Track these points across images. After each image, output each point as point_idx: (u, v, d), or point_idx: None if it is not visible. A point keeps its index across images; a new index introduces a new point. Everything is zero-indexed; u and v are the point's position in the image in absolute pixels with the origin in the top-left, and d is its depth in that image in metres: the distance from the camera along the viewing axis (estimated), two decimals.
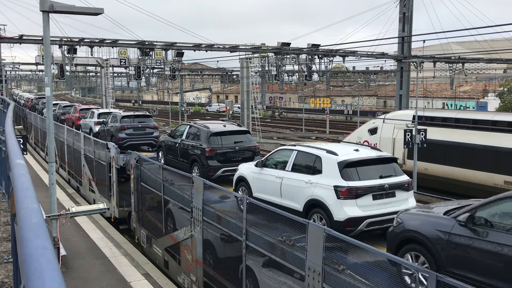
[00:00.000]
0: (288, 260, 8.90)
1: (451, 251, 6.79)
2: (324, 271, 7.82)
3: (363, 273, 7.43)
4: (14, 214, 5.12)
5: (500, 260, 6.20)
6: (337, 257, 7.89)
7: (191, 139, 15.38)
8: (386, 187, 9.45)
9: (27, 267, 1.76)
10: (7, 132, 8.53)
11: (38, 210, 2.49)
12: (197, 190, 12.37)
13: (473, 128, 19.31)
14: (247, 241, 10.23)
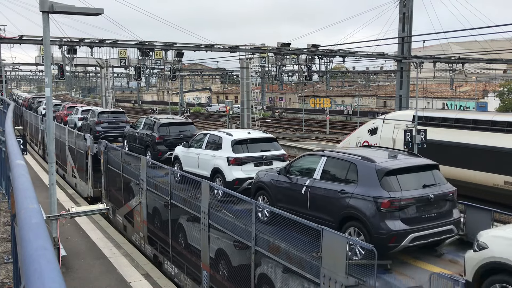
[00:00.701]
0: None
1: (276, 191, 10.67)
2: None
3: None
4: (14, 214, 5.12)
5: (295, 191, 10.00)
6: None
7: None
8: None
9: (27, 267, 1.76)
10: (7, 132, 8.53)
11: (38, 211, 2.49)
12: (142, 167, 16.03)
13: (473, 128, 19.31)
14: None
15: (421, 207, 8.48)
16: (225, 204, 11.99)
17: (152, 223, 16.11)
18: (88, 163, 22.23)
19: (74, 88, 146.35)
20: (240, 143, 13.41)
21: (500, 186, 17.02)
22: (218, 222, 11.65)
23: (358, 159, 9.16)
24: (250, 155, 13.08)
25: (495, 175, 17.41)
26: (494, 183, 17.23)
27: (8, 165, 7.66)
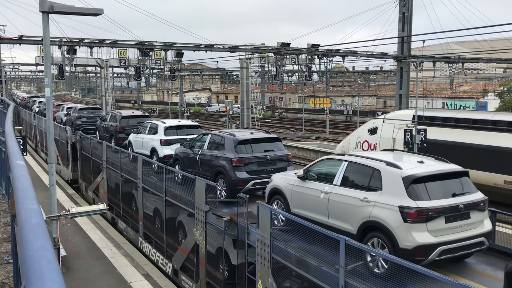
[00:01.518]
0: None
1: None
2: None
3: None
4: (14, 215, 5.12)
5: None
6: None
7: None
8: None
9: (27, 268, 1.76)
10: (7, 132, 8.52)
11: (38, 211, 2.49)
12: (104, 150, 20.95)
13: (473, 128, 19.30)
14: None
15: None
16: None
17: (111, 193, 20.80)
18: (68, 151, 26.86)
19: (74, 88, 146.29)
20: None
21: (500, 186, 17.02)
22: (149, 185, 16.45)
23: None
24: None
25: (495, 175, 17.41)
26: (494, 183, 17.23)
27: (8, 165, 7.65)
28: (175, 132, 17.62)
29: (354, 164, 9.14)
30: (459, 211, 7.98)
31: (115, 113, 23.53)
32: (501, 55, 45.17)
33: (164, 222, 15.28)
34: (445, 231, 7.83)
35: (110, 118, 23.05)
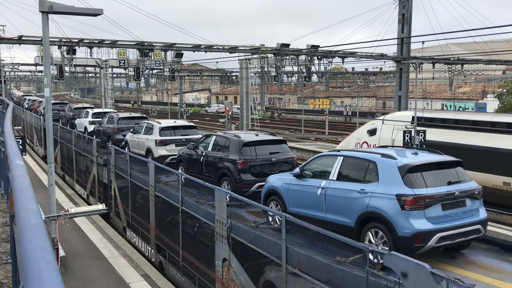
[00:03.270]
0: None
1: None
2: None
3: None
4: (13, 215, 5.12)
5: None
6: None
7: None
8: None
9: (26, 268, 1.76)
10: (6, 132, 8.52)
11: (37, 211, 2.49)
12: (57, 130, 26.76)
13: (472, 129, 19.32)
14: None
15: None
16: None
17: (63, 159, 28.16)
18: (41, 135, 31.76)
19: (73, 89, 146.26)
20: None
21: (499, 187, 17.03)
22: (118, 168, 18.32)
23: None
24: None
25: (494, 176, 17.42)
26: (493, 184, 17.24)
27: (7, 165, 7.65)
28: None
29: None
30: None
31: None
32: (500, 57, 45.22)
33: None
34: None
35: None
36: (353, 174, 9.15)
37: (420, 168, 8.39)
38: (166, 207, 14.17)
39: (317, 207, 9.38)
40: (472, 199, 8.61)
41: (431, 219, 7.91)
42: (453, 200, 8.24)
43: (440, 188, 8.24)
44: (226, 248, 10.33)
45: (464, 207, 8.40)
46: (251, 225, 9.88)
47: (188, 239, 12.92)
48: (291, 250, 8.46)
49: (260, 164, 12.76)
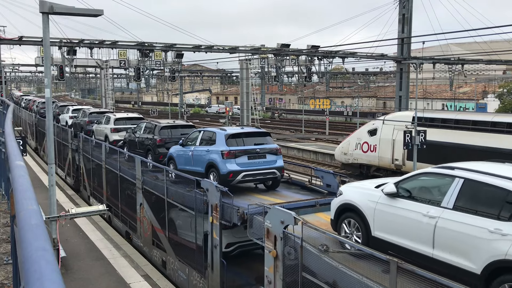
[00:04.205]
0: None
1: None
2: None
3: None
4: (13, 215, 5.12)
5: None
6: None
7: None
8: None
9: (26, 268, 1.77)
10: (6, 133, 8.52)
11: (37, 212, 2.49)
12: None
13: (472, 129, 19.32)
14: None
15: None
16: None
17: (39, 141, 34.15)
18: (33, 129, 37.65)
19: (73, 89, 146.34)
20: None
21: None
22: (85, 151, 23.34)
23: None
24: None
25: None
26: None
27: (7, 166, 7.65)
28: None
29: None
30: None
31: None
32: (500, 57, 45.20)
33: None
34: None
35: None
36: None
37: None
38: (112, 175, 19.57)
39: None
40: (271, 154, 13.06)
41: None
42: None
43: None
44: (141, 195, 16.15)
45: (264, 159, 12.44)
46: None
47: (124, 196, 18.50)
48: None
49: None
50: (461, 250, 6.84)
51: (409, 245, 7.52)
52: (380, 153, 23.20)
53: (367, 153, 23.88)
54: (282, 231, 9.18)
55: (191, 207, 12.81)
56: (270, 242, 9.51)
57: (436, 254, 7.12)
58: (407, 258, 7.28)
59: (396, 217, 7.85)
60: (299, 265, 8.78)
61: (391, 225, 7.94)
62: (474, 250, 6.67)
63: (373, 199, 8.31)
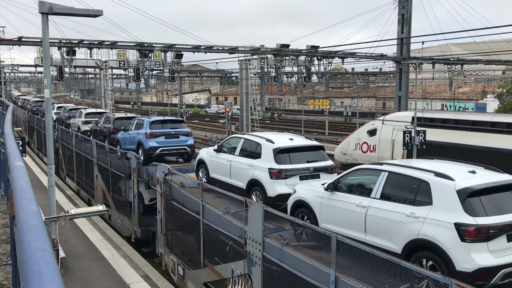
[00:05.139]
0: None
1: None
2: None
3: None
4: (13, 216, 5.12)
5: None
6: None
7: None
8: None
9: (26, 269, 1.76)
10: (6, 134, 8.51)
11: (37, 212, 2.49)
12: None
13: (472, 129, 19.33)
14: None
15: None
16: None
17: (38, 143, 34.58)
18: (26, 126, 40.96)
19: (73, 90, 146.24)
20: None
21: None
22: (63, 140, 27.41)
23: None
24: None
25: None
26: None
27: (7, 166, 7.65)
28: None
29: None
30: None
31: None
32: (500, 57, 45.21)
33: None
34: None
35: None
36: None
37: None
38: (79, 157, 24.05)
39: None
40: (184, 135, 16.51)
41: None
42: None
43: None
44: (96, 169, 21.10)
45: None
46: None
47: (87, 173, 22.85)
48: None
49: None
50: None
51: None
52: (379, 153, 23.20)
53: (367, 153, 23.89)
54: (163, 178, 14.41)
55: (123, 172, 17.95)
56: (159, 186, 14.91)
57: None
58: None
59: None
60: (169, 196, 14.20)
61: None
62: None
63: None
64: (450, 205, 7.19)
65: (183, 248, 14.05)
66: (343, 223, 8.72)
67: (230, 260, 11.02)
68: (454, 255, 6.89)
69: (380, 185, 8.27)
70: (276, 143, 11.68)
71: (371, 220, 8.16)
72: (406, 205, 7.74)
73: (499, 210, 7.23)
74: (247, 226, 10.13)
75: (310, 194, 9.62)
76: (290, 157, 11.61)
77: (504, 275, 6.87)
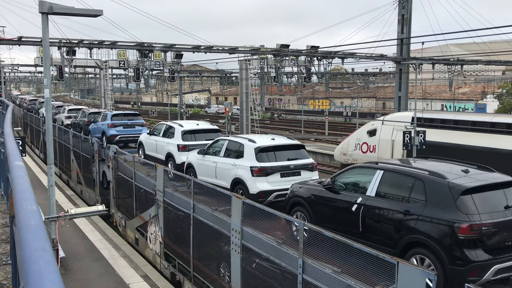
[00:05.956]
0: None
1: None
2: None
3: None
4: (13, 216, 5.12)
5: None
6: None
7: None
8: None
9: (26, 269, 1.77)
10: (6, 133, 8.51)
11: (37, 212, 2.49)
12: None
13: (472, 129, 19.32)
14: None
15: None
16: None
17: (31, 137, 37.51)
18: (22, 121, 43.02)
19: (73, 90, 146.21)
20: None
21: None
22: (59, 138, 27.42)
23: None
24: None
25: None
26: None
27: (7, 166, 7.65)
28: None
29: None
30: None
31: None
32: (500, 57, 45.21)
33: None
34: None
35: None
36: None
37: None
38: (60, 146, 26.41)
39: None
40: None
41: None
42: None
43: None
44: (72, 154, 23.93)
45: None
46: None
47: (67, 158, 25.28)
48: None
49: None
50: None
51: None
52: (379, 154, 23.20)
53: (367, 154, 23.88)
54: (113, 155, 17.93)
55: (89, 154, 21.10)
56: (110, 162, 18.48)
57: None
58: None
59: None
60: (117, 169, 18.01)
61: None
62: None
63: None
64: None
65: (125, 206, 18.02)
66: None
67: (148, 208, 15.13)
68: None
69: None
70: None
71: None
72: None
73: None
74: (156, 182, 13.94)
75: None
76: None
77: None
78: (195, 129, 16.89)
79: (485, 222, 7.11)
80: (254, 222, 9.33)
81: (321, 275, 7.45)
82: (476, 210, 7.22)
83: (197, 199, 11.49)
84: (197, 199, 11.50)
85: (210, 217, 10.85)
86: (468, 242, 7.01)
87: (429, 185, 7.68)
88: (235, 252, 9.69)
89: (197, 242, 11.65)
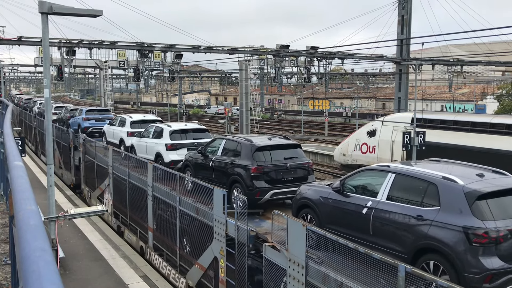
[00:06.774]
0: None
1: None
2: None
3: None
4: (12, 216, 5.12)
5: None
6: None
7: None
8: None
9: (25, 269, 1.76)
10: (5, 134, 8.51)
11: (36, 212, 2.49)
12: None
13: (471, 130, 19.32)
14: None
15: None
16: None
17: (25, 132, 39.89)
18: (18, 118, 44.99)
19: (73, 90, 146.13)
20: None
21: None
22: (40, 127, 31.13)
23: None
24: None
25: None
26: None
27: (6, 166, 7.64)
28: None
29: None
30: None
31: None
32: (499, 58, 45.22)
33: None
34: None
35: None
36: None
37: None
38: (43, 136, 26.76)
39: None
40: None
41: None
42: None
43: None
44: (56, 144, 25.63)
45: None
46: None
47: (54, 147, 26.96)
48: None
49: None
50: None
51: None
52: (379, 154, 23.19)
53: (366, 154, 23.88)
54: (83, 142, 22.71)
55: (66, 143, 25.23)
56: (81, 147, 23.01)
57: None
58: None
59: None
60: (85, 153, 22.65)
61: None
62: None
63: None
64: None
65: (91, 181, 22.36)
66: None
67: (104, 179, 19.93)
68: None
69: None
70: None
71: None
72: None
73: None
74: (108, 159, 18.81)
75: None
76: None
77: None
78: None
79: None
80: (161, 181, 14.47)
81: (186, 204, 12.80)
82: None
83: (132, 169, 16.60)
84: (132, 169, 16.61)
85: (137, 180, 15.92)
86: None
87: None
88: (150, 201, 14.97)
89: (132, 199, 16.83)
